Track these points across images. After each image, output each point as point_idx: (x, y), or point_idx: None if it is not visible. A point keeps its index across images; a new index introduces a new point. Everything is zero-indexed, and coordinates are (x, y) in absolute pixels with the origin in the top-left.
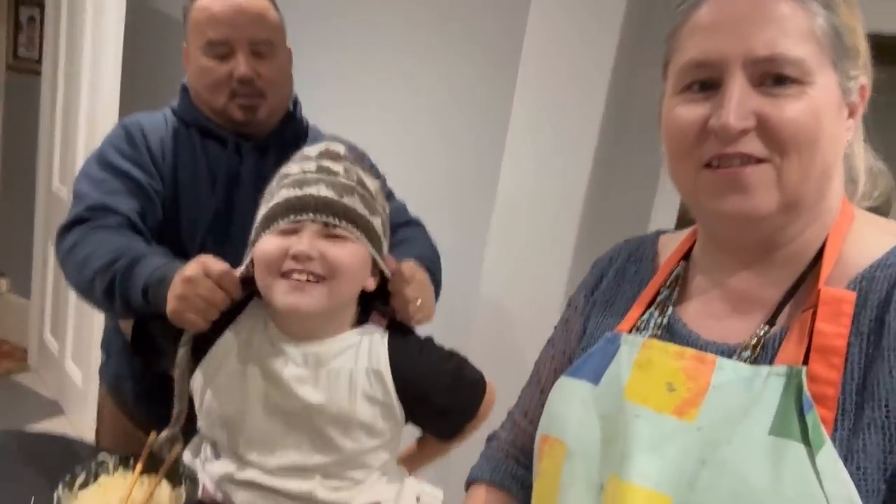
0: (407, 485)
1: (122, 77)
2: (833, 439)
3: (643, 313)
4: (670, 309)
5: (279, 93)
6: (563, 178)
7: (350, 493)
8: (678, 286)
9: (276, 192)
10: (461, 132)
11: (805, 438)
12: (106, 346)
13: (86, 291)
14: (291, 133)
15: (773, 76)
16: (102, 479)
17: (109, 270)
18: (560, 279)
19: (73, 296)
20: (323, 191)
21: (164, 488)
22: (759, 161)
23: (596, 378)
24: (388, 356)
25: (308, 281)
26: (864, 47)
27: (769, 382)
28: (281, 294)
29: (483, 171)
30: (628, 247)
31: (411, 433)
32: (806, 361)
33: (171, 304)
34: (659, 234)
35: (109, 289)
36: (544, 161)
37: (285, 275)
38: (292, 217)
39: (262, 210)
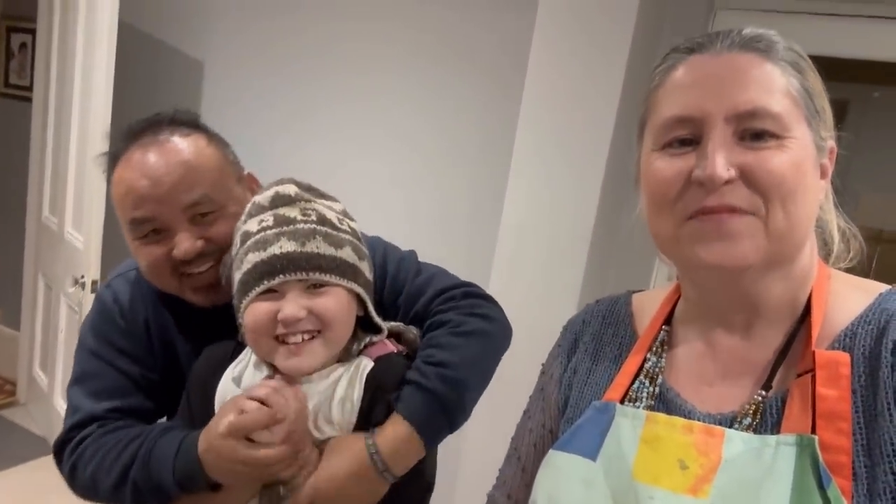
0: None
1: (114, 104)
2: None
3: (632, 382)
4: (660, 378)
5: None
6: (571, 204)
7: None
8: (664, 352)
9: (243, 258)
10: (465, 156)
11: None
12: None
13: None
14: None
15: (753, 132)
16: None
17: (127, 480)
18: (569, 310)
19: (62, 331)
20: (286, 245)
21: None
22: (745, 213)
23: (592, 452)
24: (363, 387)
25: (304, 341)
26: (829, 113)
27: (780, 452)
28: (281, 359)
29: (488, 197)
30: (600, 308)
31: None
32: (813, 429)
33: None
34: (631, 293)
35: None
36: (550, 188)
37: (279, 338)
38: (266, 282)
39: (235, 275)
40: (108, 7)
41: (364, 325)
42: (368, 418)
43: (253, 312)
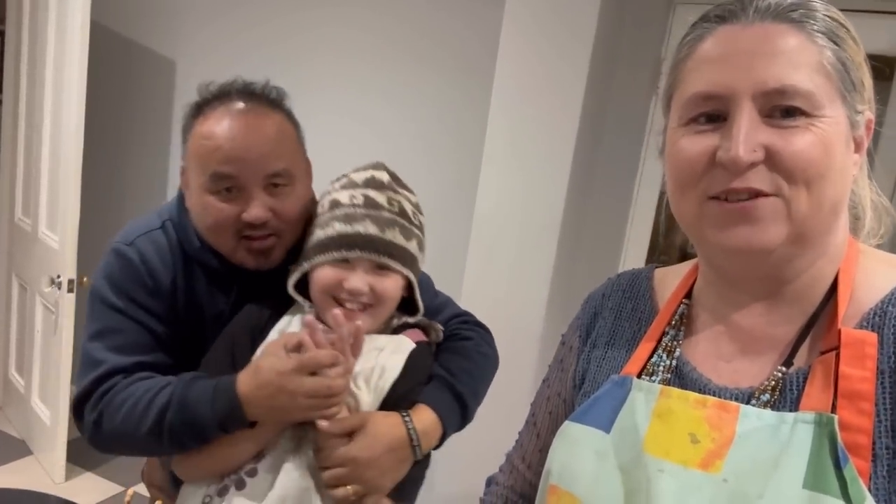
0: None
1: (86, 104)
2: (869, 489)
3: (651, 356)
4: (678, 350)
5: (297, 227)
6: (541, 193)
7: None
8: (683, 325)
9: (329, 223)
10: (437, 147)
11: (844, 494)
12: None
13: (142, 444)
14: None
15: (782, 109)
16: None
17: (164, 422)
18: (540, 296)
19: (38, 332)
20: (369, 228)
21: None
22: (768, 195)
23: (607, 425)
24: (402, 366)
25: (357, 310)
26: (869, 82)
27: (797, 430)
28: (334, 317)
29: (461, 186)
30: (621, 282)
31: None
32: (833, 408)
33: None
34: (654, 268)
35: (173, 437)
36: (521, 177)
37: (339, 300)
38: (344, 252)
39: (317, 234)
40: (79, 6)
41: (402, 305)
42: (396, 389)
43: (323, 273)
